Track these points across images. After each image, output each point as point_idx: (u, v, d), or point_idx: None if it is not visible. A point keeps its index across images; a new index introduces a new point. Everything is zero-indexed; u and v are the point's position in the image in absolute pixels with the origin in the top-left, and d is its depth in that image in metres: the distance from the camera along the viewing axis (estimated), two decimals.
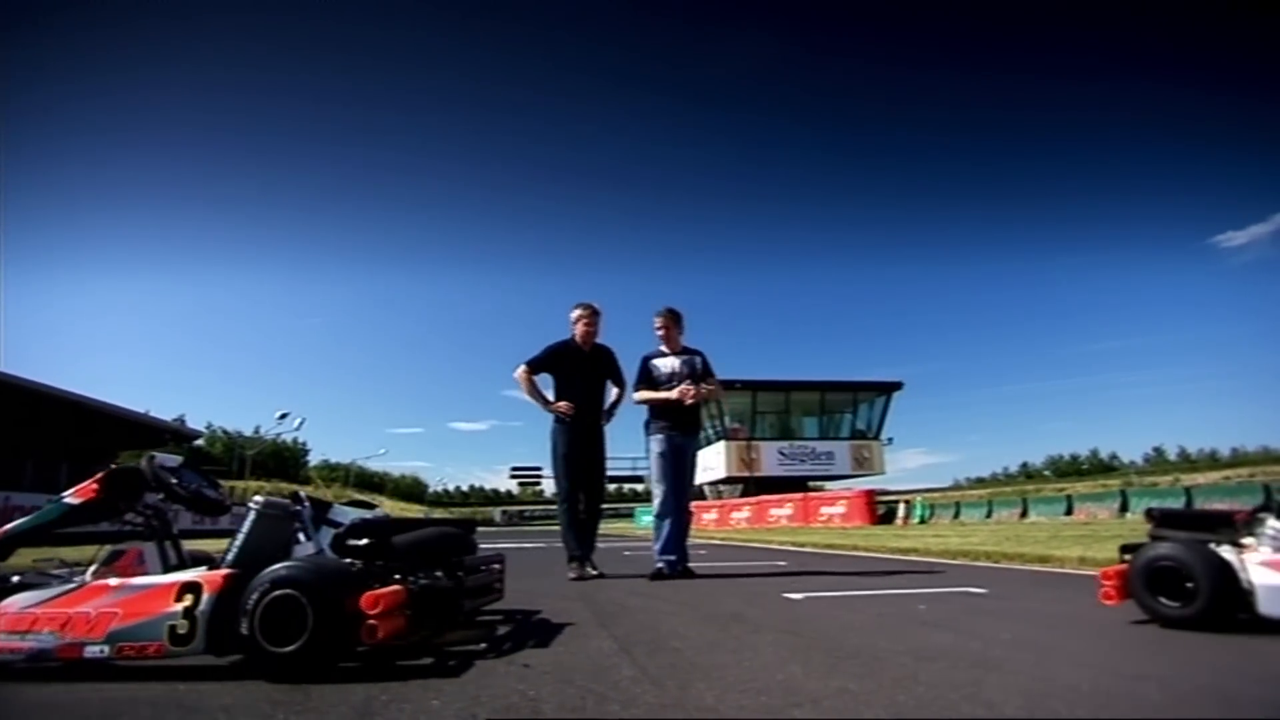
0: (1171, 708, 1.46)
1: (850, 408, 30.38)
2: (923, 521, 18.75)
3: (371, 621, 1.82)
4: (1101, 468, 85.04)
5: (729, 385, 28.66)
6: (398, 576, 2.21)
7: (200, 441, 52.21)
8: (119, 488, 2.36)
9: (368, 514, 2.57)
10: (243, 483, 36.57)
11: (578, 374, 4.98)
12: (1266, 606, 2.33)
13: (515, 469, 35.44)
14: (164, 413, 52.33)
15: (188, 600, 1.86)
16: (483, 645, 2.28)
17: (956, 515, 19.76)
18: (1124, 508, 15.85)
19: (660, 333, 5.12)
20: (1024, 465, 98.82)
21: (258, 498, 2.24)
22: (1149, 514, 3.01)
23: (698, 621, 2.78)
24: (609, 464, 5.40)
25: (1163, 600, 2.53)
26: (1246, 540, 2.61)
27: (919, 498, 21.76)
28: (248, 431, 50.45)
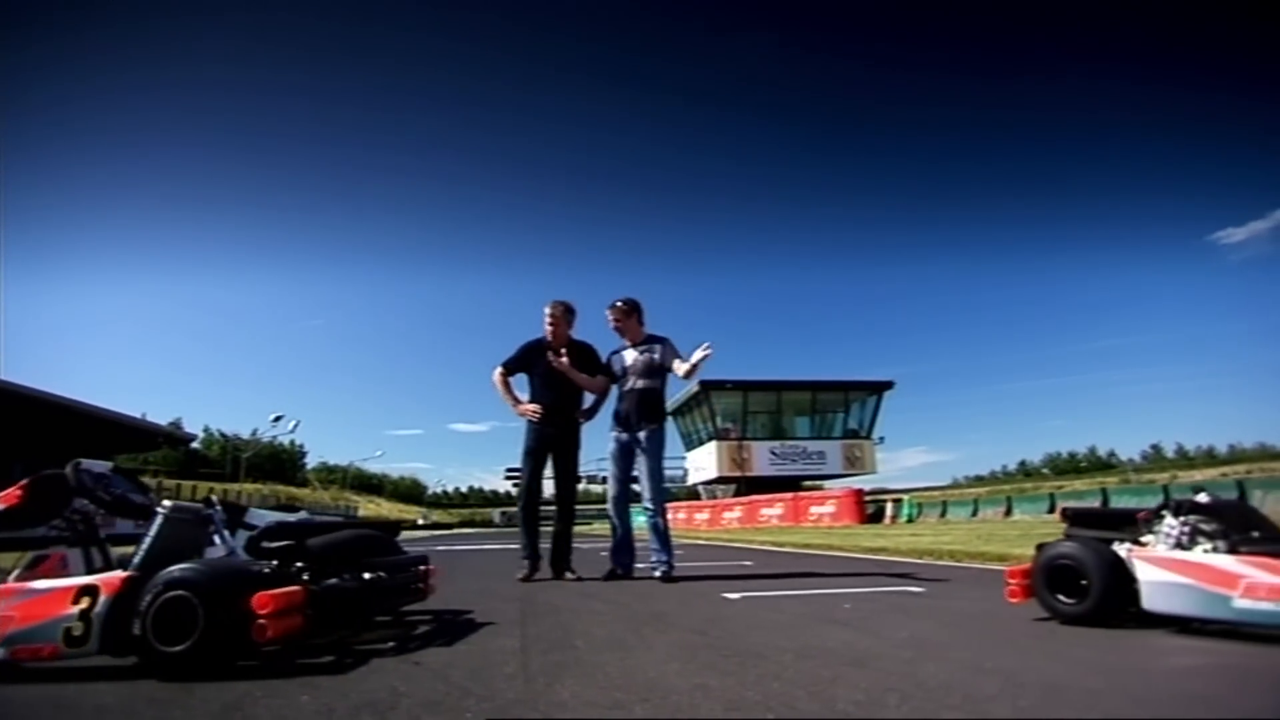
0: (997, 700, 1.53)
1: (842, 407, 30.44)
2: (910, 520, 18.82)
3: (261, 621, 1.89)
4: (1099, 465, 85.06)
5: (720, 386, 28.77)
6: (306, 577, 2.28)
7: (197, 444, 52.39)
8: (42, 494, 2.43)
9: (290, 517, 2.63)
10: (238, 485, 36.61)
11: (551, 372, 4.92)
12: (1149, 602, 2.40)
13: (510, 470, 35.55)
14: (162, 416, 52.47)
15: (84, 603, 1.93)
16: (391, 644, 2.34)
17: (943, 514, 19.84)
18: (1104, 505, 15.92)
19: (614, 327, 5.03)
20: (1022, 463, 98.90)
21: (166, 502, 2.30)
22: (1063, 513, 3.08)
23: (616, 622, 2.84)
24: (604, 464, 5.35)
25: (1060, 597, 2.60)
26: (1147, 538, 2.69)
27: (906, 497, 21.83)
28: (245, 434, 50.47)
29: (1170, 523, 2.66)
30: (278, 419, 36.07)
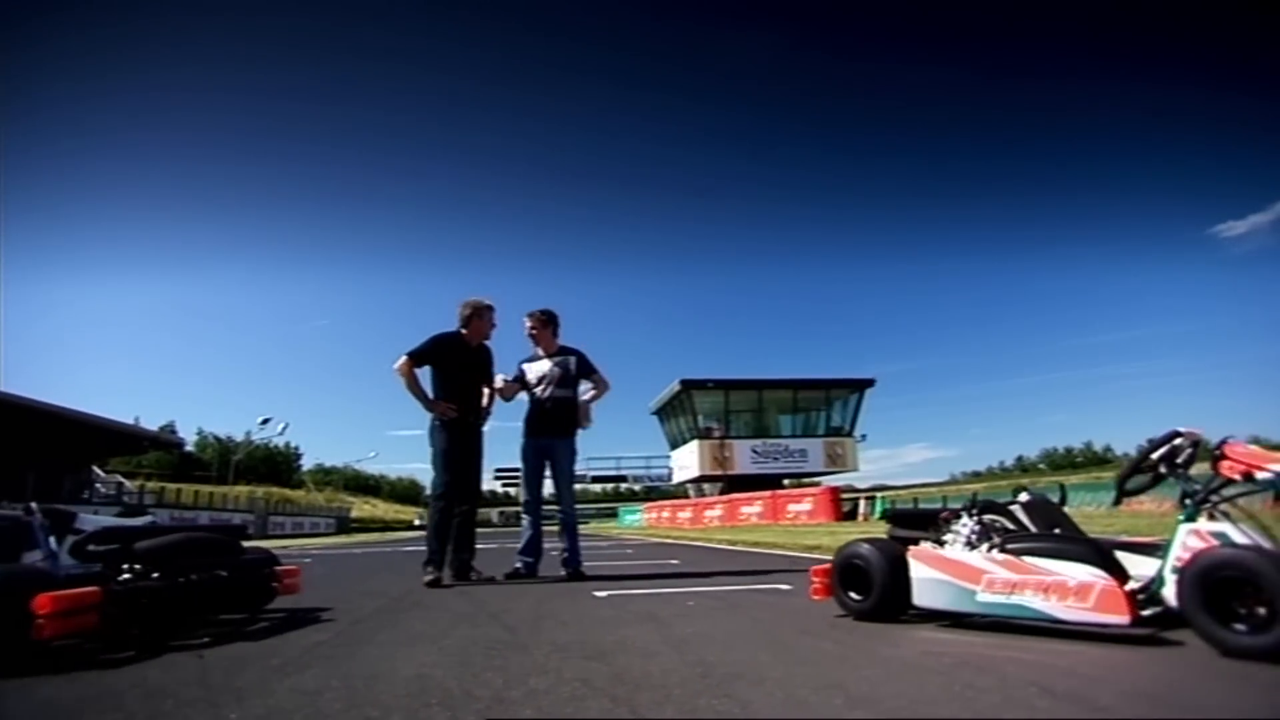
0: (669, 696, 1.68)
1: (823, 405, 30.59)
2: (882, 517, 18.94)
3: (40, 621, 2.04)
4: (1095, 460, 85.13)
5: (701, 385, 28.96)
6: (128, 578, 2.44)
7: (190, 447, 52.65)
8: None
9: (131, 521, 2.78)
10: (229, 488, 36.83)
11: (462, 370, 4.92)
12: (918, 598, 2.55)
13: (500, 470, 35.77)
14: (157, 419, 52.73)
15: None
16: (206, 639, 2.49)
17: None
18: (1063, 501, 15.97)
19: (531, 334, 5.15)
20: (1019, 459, 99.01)
21: None
22: (884, 514, 3.22)
23: (448, 620, 2.99)
24: (594, 464, 5.41)
25: (851, 595, 2.74)
26: (947, 537, 2.83)
27: (880, 495, 21.99)
28: (239, 437, 50.75)
29: (966, 523, 2.81)
30: (265, 421, 36.44)
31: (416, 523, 47.74)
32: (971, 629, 2.40)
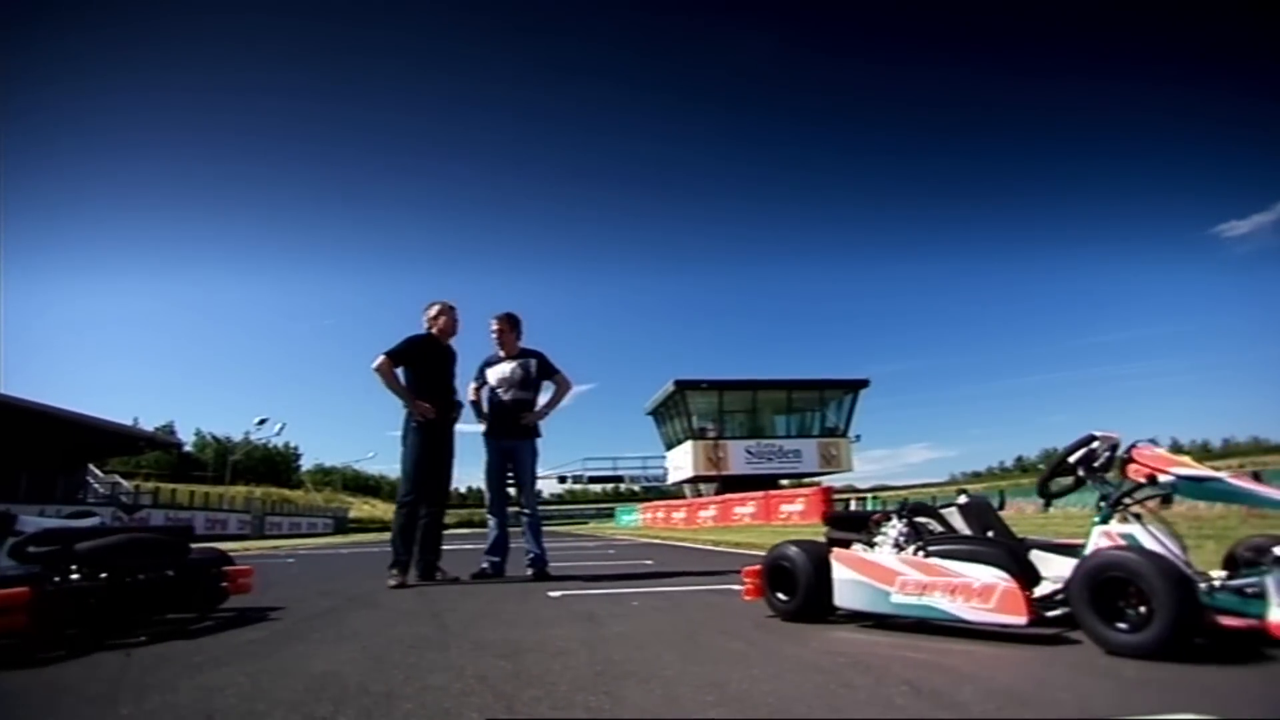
0: (546, 691, 1.74)
1: (817, 406, 30.63)
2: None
3: None
4: None
5: (695, 385, 29.02)
6: (60, 579, 2.51)
7: (189, 447, 52.81)
8: None
9: (70, 523, 2.85)
10: (226, 489, 36.95)
11: (435, 370, 5.00)
12: (839, 599, 2.60)
13: None
14: (154, 420, 52.88)
15: None
16: (142, 638, 2.55)
17: None
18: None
19: (495, 336, 5.22)
20: (1019, 459, 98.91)
21: None
22: (823, 516, 3.28)
23: (389, 619, 3.06)
24: (592, 465, 5.42)
25: (779, 596, 2.79)
26: (877, 539, 2.88)
27: (870, 496, 22.01)
28: (238, 437, 50.91)
29: (895, 524, 2.86)
30: (262, 422, 36.55)
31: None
32: (892, 629, 2.45)
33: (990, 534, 2.82)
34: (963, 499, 3.12)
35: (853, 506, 20.39)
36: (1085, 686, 1.63)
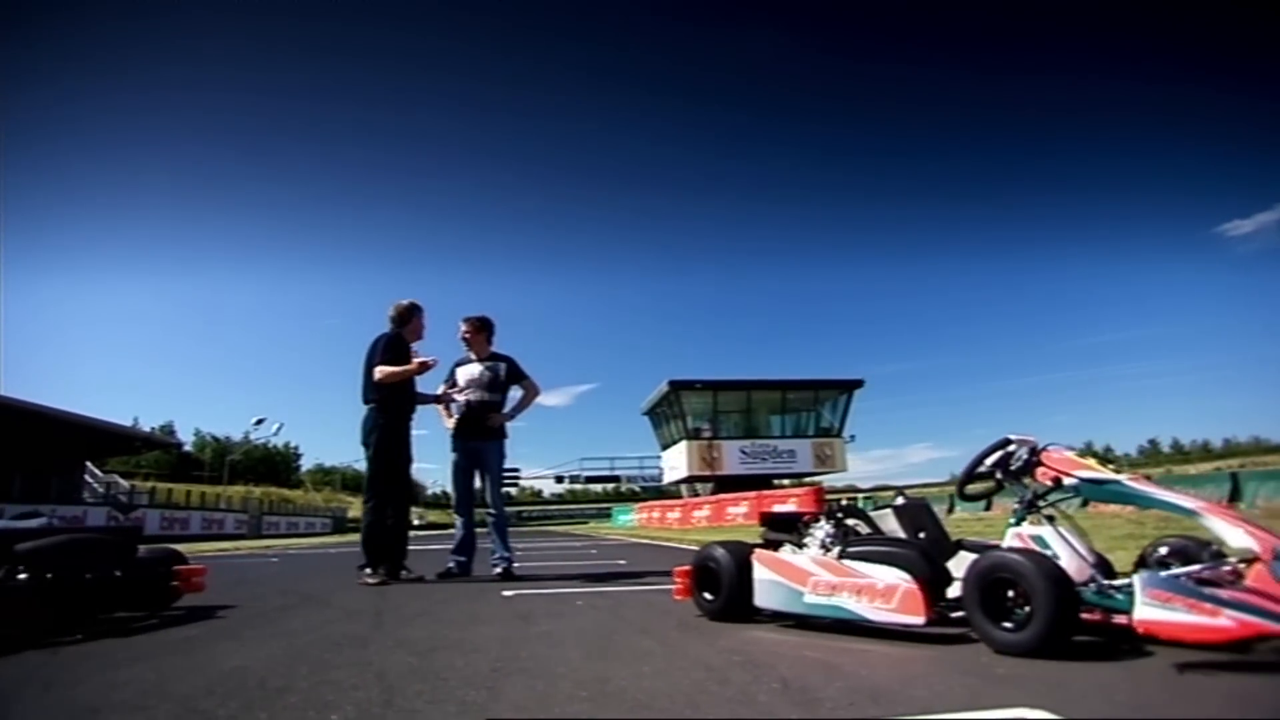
0: (430, 689, 1.80)
1: (812, 406, 30.69)
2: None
3: None
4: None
5: (690, 386, 29.08)
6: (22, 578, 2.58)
7: (189, 447, 53.06)
8: None
9: (14, 523, 2.92)
10: (224, 488, 37.12)
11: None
12: (759, 599, 2.66)
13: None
14: (154, 419, 53.08)
15: None
16: (79, 636, 2.61)
17: None
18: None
19: (465, 339, 5.30)
20: None
21: None
22: (761, 517, 3.34)
23: (329, 617, 3.13)
24: (589, 464, 5.42)
25: (705, 595, 2.85)
26: (807, 540, 2.94)
27: (861, 495, 22.05)
28: (238, 437, 51.15)
29: (823, 526, 2.92)
30: (259, 421, 36.73)
31: (416, 523, 47.90)
32: (811, 630, 2.48)
33: (922, 535, 2.88)
34: (899, 500, 3.17)
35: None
36: (946, 684, 1.69)
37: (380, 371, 4.92)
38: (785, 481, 29.19)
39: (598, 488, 45.08)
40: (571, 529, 29.00)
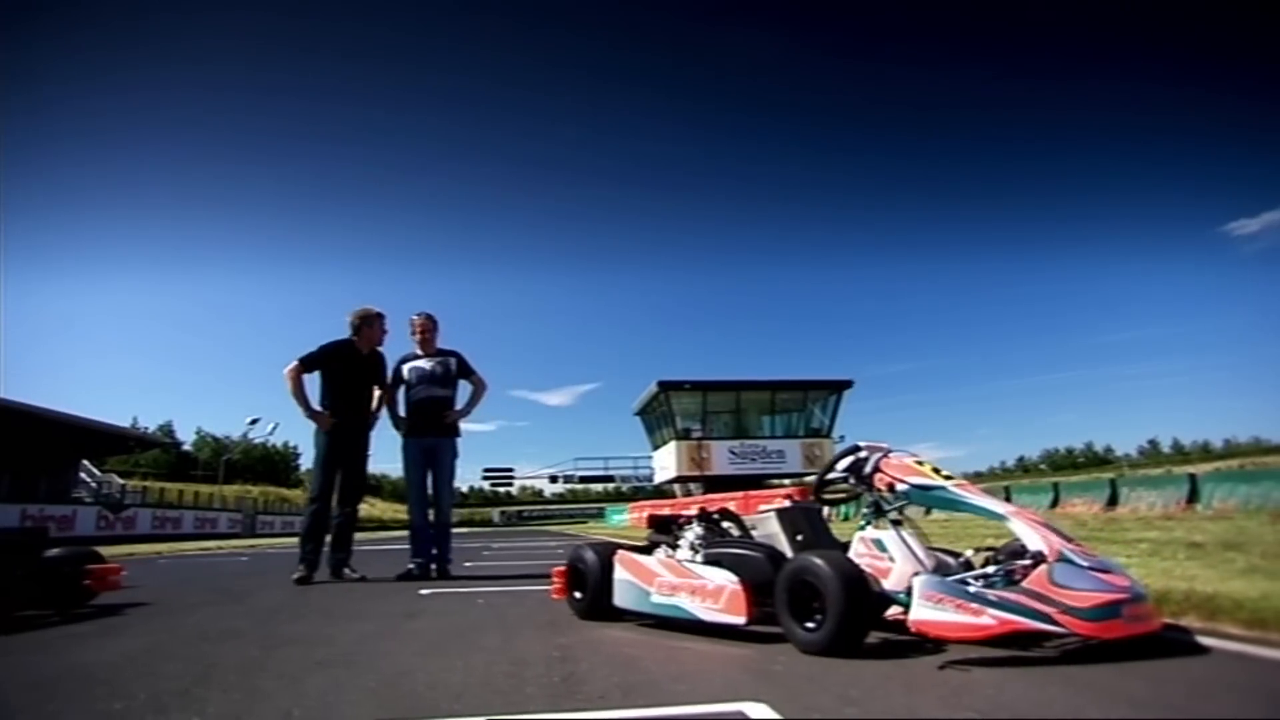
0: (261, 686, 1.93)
1: (801, 406, 30.75)
2: (845, 518, 19.15)
3: None
4: (1096, 461, 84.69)
5: (678, 386, 29.16)
6: None
7: (189, 447, 53.41)
8: None
9: None
10: (221, 488, 37.34)
11: (350, 377, 5.16)
12: (617, 599, 2.77)
13: (487, 470, 36.21)
14: (153, 419, 53.36)
15: None
16: None
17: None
18: (1008, 497, 16.10)
19: (417, 335, 5.37)
20: (1021, 459, 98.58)
21: None
22: (648, 520, 3.45)
23: (239, 614, 3.28)
24: (583, 464, 5.47)
25: (575, 595, 2.97)
26: (680, 541, 3.05)
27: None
28: (236, 437, 51.40)
29: (694, 529, 3.04)
30: (254, 421, 36.98)
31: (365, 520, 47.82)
32: (663, 629, 2.55)
33: (799, 538, 2.97)
34: (786, 503, 3.27)
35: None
36: (710, 680, 1.82)
37: (288, 366, 4.98)
38: (785, 481, 29.23)
39: (596, 488, 45.14)
40: (565, 528, 29.12)
